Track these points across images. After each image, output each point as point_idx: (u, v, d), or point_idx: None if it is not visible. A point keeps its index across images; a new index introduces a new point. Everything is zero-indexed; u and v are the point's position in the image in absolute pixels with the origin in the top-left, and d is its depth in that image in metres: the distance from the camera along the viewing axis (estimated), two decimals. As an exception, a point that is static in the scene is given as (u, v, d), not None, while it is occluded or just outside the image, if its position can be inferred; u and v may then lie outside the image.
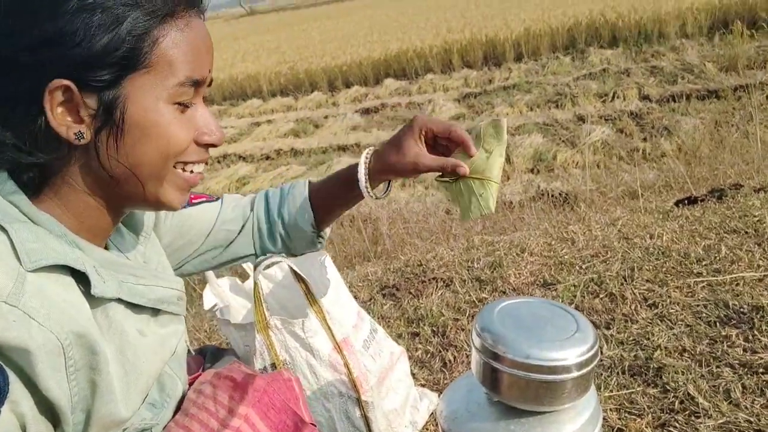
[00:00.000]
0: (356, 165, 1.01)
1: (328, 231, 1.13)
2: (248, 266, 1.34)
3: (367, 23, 18.96)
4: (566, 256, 2.14)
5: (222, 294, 1.36)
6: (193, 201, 1.02)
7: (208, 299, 1.33)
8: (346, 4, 34.50)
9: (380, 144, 1.00)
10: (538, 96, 8.83)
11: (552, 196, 4.60)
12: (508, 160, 6.85)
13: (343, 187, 1.04)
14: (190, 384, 0.84)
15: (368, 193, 1.00)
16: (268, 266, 1.09)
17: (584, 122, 7.51)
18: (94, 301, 0.65)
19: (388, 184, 1.05)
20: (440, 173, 0.98)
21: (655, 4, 11.00)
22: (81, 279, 0.65)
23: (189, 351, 0.89)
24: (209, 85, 0.73)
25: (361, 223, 3.69)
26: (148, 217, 0.87)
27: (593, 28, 10.79)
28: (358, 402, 1.13)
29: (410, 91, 10.97)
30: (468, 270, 2.22)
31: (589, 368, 0.84)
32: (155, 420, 0.74)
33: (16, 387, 0.56)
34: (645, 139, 6.70)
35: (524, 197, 4.80)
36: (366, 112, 10.36)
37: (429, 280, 2.21)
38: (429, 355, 1.71)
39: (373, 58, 12.36)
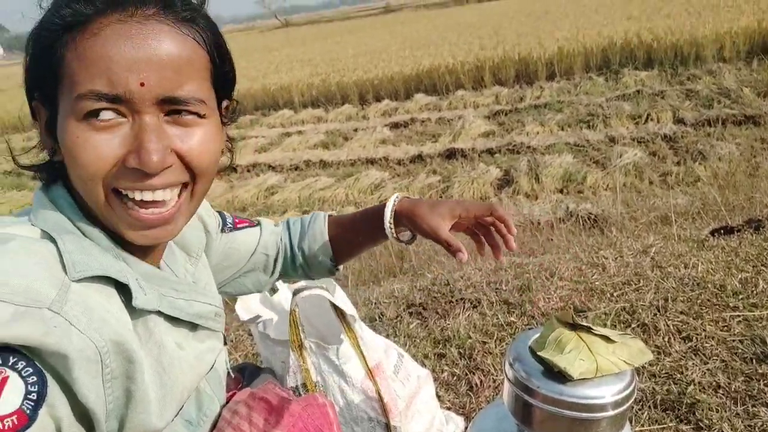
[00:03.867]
0: (383, 205, 1.02)
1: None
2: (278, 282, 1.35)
3: (399, 38, 19.10)
4: (597, 283, 2.11)
5: (252, 307, 1.37)
6: (239, 225, 1.04)
7: (242, 312, 1.34)
8: (380, 18, 34.80)
9: (412, 198, 1.02)
10: (570, 115, 8.77)
11: (581, 218, 4.54)
12: (536, 179, 6.81)
13: (367, 225, 1.05)
14: (227, 402, 0.84)
15: (391, 233, 1.00)
16: (302, 291, 1.09)
17: (616, 144, 7.43)
18: (135, 312, 0.67)
19: (414, 234, 1.04)
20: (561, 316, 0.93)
21: (693, 27, 10.87)
22: (123, 290, 0.66)
23: (228, 372, 0.90)
24: (171, 101, 0.63)
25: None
26: (200, 239, 0.89)
27: (628, 49, 10.69)
28: (387, 426, 1.12)
29: (440, 106, 10.99)
30: (496, 292, 2.20)
31: (625, 407, 0.83)
32: None
33: (54, 391, 0.58)
34: (678, 163, 6.59)
35: (553, 218, 4.75)
36: (395, 126, 10.39)
37: (456, 300, 2.20)
38: (455, 378, 1.69)
39: (405, 73, 12.43)
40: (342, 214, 1.10)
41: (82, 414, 0.61)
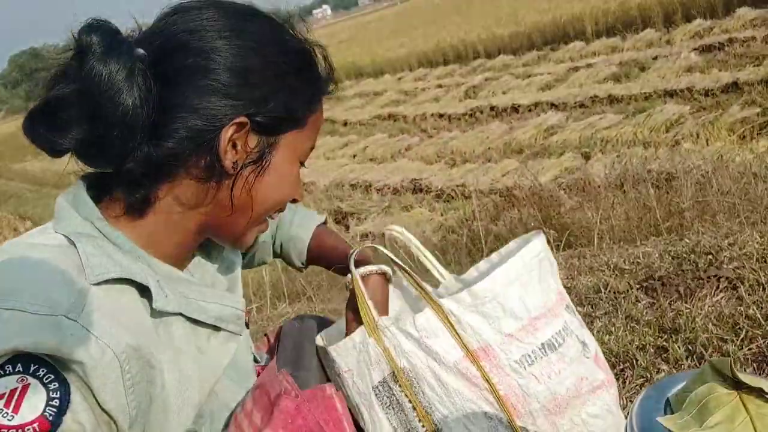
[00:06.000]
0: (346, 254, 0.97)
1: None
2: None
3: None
4: None
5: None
6: None
7: None
8: None
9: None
10: None
11: None
12: None
13: (336, 263, 1.03)
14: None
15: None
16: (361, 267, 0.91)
17: None
18: (156, 314, 0.67)
19: None
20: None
21: None
22: (145, 293, 0.66)
23: (255, 358, 0.89)
24: None
25: (652, 188, 3.10)
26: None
27: None
28: (511, 426, 0.89)
29: (773, 20, 8.88)
30: (771, 270, 1.65)
31: None
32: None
33: (77, 398, 0.58)
34: None
35: None
36: (707, 49, 8.81)
37: (710, 277, 1.72)
38: (674, 381, 1.32)
39: (730, -18, 10.33)
40: (327, 235, 1.07)
41: (106, 421, 0.61)
